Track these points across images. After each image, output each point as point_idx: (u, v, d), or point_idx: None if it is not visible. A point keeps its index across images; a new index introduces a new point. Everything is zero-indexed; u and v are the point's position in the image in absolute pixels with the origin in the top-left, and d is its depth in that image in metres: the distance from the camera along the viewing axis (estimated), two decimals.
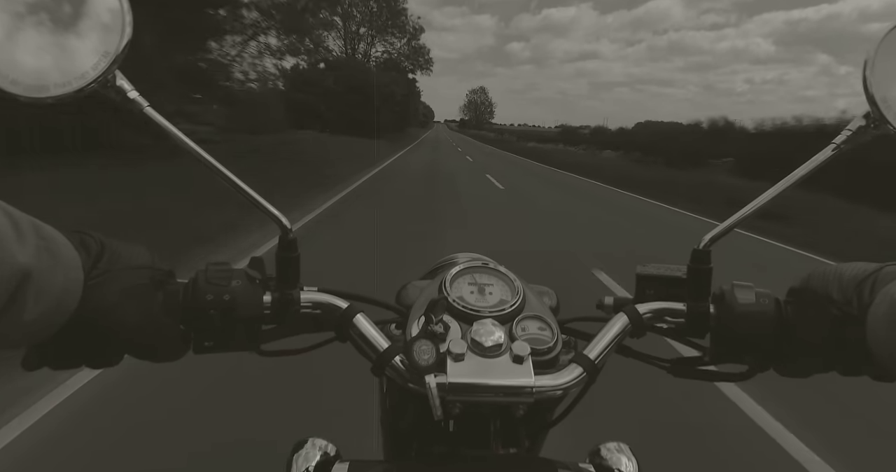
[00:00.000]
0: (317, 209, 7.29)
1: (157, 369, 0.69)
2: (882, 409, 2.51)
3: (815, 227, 7.89)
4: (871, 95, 0.46)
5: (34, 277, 0.34)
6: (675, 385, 0.78)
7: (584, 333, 0.55)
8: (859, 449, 2.23)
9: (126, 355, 0.45)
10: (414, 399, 0.50)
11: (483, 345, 0.46)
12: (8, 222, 0.34)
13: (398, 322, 0.58)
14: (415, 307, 0.52)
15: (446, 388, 0.44)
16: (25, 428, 1.99)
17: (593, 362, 0.48)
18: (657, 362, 0.55)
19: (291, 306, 0.50)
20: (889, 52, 0.46)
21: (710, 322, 0.52)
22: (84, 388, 2.29)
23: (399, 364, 0.46)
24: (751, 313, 0.49)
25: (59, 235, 0.39)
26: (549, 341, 0.49)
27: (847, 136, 0.49)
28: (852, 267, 0.47)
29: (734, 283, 0.51)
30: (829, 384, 0.57)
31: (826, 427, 2.35)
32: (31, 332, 0.37)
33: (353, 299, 0.52)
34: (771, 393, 2.55)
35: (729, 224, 0.52)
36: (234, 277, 0.47)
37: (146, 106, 0.47)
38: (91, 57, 0.42)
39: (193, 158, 0.48)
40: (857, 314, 0.43)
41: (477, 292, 0.53)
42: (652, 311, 0.53)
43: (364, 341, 0.49)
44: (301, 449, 0.65)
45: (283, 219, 0.51)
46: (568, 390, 0.47)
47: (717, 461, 2.06)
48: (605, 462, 0.67)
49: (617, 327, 0.51)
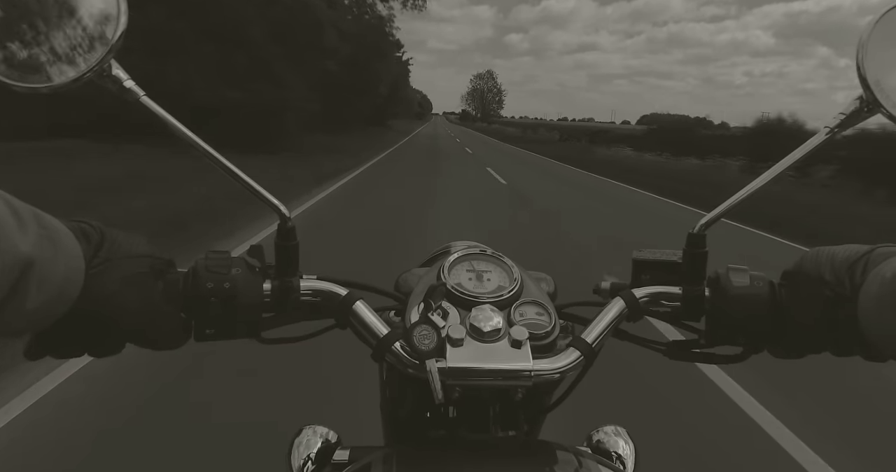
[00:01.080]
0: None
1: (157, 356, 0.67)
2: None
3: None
4: (865, 79, 0.46)
5: (36, 266, 0.34)
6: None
7: (581, 317, 0.56)
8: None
9: (127, 343, 0.46)
10: (414, 385, 0.50)
11: (482, 330, 0.47)
12: (9, 212, 0.34)
13: (397, 309, 0.58)
14: (414, 294, 0.52)
15: (446, 372, 0.44)
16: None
17: (590, 345, 0.48)
18: (653, 346, 0.56)
19: (291, 293, 0.51)
20: (882, 36, 0.46)
21: (705, 305, 0.52)
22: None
23: (399, 350, 0.47)
24: (745, 296, 0.49)
25: (60, 224, 0.39)
26: (546, 326, 0.49)
27: (840, 119, 0.50)
28: (845, 249, 0.47)
29: (729, 266, 0.51)
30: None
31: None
32: (33, 320, 0.38)
33: (353, 286, 0.53)
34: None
35: (724, 208, 0.53)
36: (234, 265, 0.47)
37: (142, 95, 0.47)
38: (86, 46, 0.42)
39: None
40: (850, 295, 0.44)
41: (475, 279, 0.54)
42: (648, 295, 0.53)
43: (364, 328, 0.49)
44: (302, 436, 0.66)
45: (281, 207, 0.51)
46: (565, 373, 0.47)
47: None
48: (602, 445, 0.68)
49: (614, 311, 0.52)
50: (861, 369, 2.31)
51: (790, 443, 2.14)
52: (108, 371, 2.31)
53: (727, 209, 0.53)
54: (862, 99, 0.48)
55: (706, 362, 0.54)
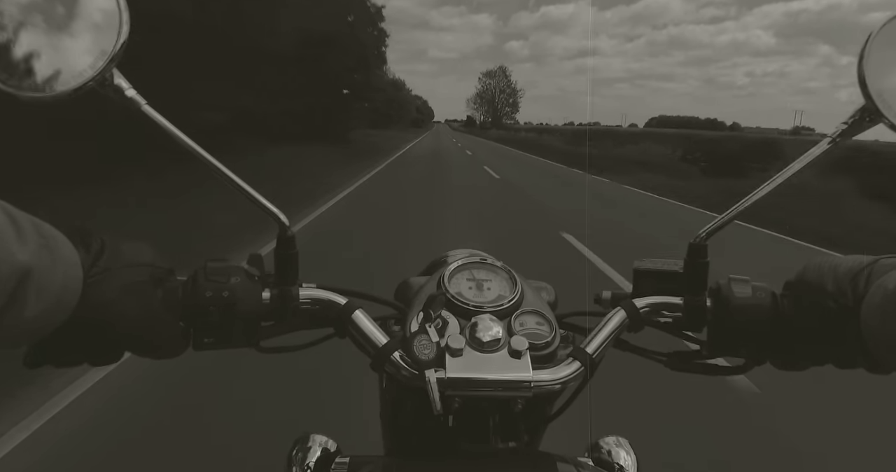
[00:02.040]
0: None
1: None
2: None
3: None
4: (867, 89, 0.46)
5: (34, 274, 0.34)
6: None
7: (582, 327, 0.56)
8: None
9: (126, 352, 0.45)
10: (413, 395, 0.50)
11: (481, 340, 0.46)
12: (8, 221, 0.34)
13: (397, 318, 0.58)
14: (413, 303, 0.52)
15: (445, 383, 0.44)
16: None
17: (591, 356, 0.48)
18: (655, 356, 0.55)
19: (290, 302, 0.50)
20: (883, 46, 0.46)
21: (707, 316, 0.52)
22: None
23: (398, 360, 0.47)
24: (747, 307, 0.49)
25: (59, 233, 0.39)
26: (546, 336, 0.49)
27: (843, 129, 0.50)
28: (847, 260, 0.47)
29: (731, 277, 0.51)
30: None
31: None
32: (31, 329, 0.38)
33: (352, 295, 0.53)
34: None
35: (725, 218, 0.52)
36: (233, 274, 0.47)
37: (144, 104, 0.47)
38: (88, 56, 0.42)
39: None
40: (852, 307, 0.44)
41: (475, 288, 0.53)
42: (649, 305, 0.53)
43: (363, 337, 0.49)
44: (301, 445, 0.66)
45: (281, 216, 0.51)
46: (566, 384, 0.47)
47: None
48: (604, 456, 0.67)
49: (614, 321, 0.51)
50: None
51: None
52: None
53: (729, 219, 0.52)
54: (865, 109, 0.48)
55: (708, 373, 0.54)
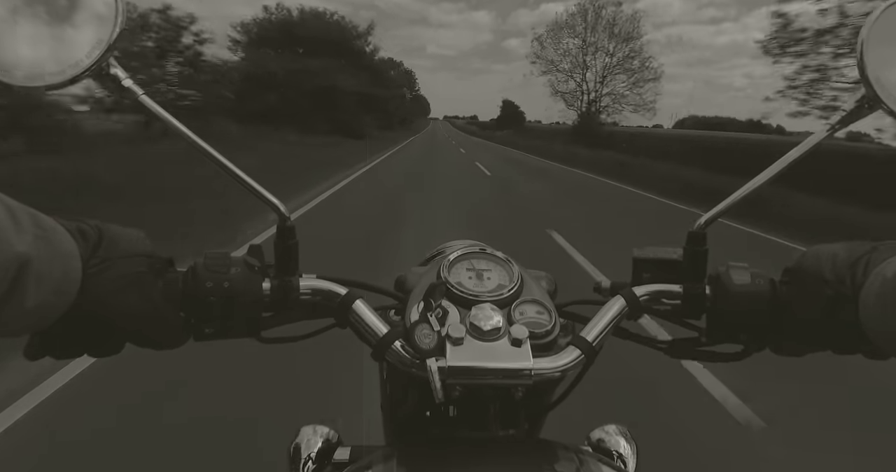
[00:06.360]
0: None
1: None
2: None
3: None
4: (866, 75, 0.46)
5: (33, 265, 0.34)
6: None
7: (581, 316, 0.56)
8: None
9: (127, 343, 0.46)
10: (414, 384, 0.50)
11: (482, 329, 0.46)
12: (5, 212, 0.34)
13: (397, 308, 0.58)
14: (414, 293, 0.52)
15: (446, 371, 0.44)
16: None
17: (591, 344, 0.48)
18: (654, 344, 0.55)
19: (291, 293, 0.50)
20: (883, 32, 0.46)
21: (706, 303, 0.52)
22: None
23: (399, 349, 0.47)
24: (746, 294, 0.49)
25: (56, 224, 0.39)
26: (546, 325, 0.49)
27: (841, 116, 0.49)
28: (846, 247, 0.47)
29: (729, 264, 0.51)
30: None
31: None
32: (32, 320, 0.38)
33: (352, 285, 0.53)
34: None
35: (725, 206, 0.52)
36: (233, 264, 0.47)
37: (141, 94, 0.46)
38: (85, 45, 0.42)
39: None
40: (851, 294, 0.44)
41: (475, 278, 0.53)
42: (648, 293, 0.53)
43: (363, 327, 0.49)
44: (302, 435, 0.66)
45: (280, 207, 0.51)
46: (566, 372, 0.47)
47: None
48: (603, 444, 0.67)
49: (614, 309, 0.51)
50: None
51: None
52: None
53: (727, 207, 0.52)
54: (863, 96, 0.48)
55: (707, 361, 0.54)
